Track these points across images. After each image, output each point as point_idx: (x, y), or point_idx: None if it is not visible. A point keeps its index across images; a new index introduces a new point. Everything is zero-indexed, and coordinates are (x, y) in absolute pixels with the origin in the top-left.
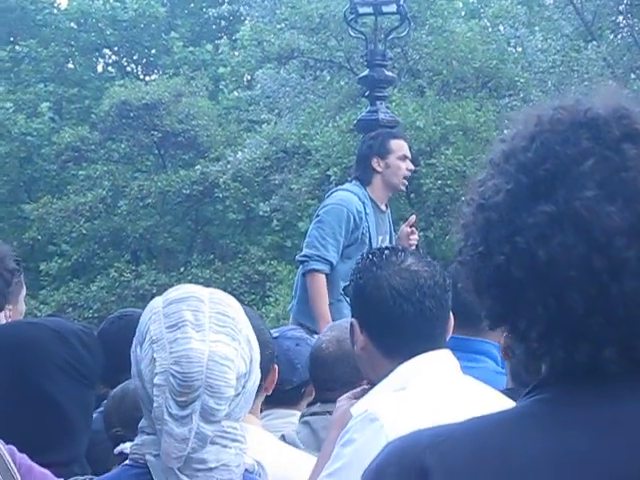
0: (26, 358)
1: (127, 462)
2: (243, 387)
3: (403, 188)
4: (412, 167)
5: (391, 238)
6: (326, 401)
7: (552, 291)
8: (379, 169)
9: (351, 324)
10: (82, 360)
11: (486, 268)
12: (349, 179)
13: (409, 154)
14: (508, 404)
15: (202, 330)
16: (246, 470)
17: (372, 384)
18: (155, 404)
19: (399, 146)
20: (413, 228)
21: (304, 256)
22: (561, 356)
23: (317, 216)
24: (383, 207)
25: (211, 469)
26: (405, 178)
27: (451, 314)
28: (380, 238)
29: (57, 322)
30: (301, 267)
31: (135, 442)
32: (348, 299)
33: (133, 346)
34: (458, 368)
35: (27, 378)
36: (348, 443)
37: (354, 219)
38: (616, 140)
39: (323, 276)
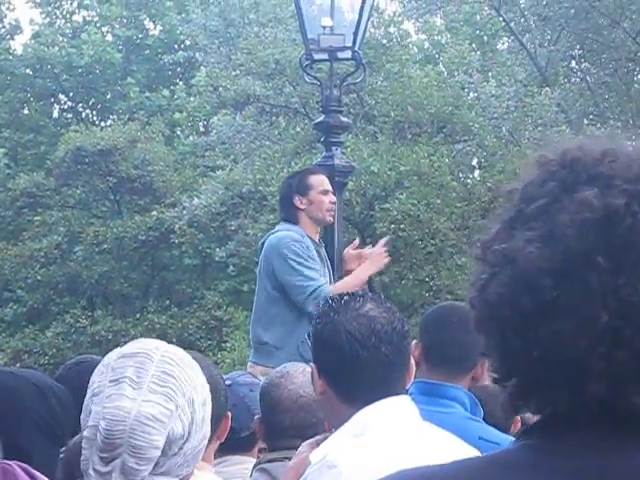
0: (3, 406)
1: None
2: (180, 448)
3: (330, 220)
4: (334, 200)
5: (329, 271)
6: (286, 448)
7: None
8: (302, 207)
9: (311, 369)
10: (57, 418)
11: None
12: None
13: (330, 188)
14: (468, 450)
15: (139, 388)
16: None
17: (333, 428)
18: (82, 457)
19: (319, 181)
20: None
21: (304, 295)
22: (535, 401)
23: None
24: (317, 241)
25: None
26: (329, 211)
27: (412, 360)
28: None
29: (37, 376)
30: (314, 307)
31: None
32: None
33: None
34: (417, 414)
35: (0, 427)
36: None
37: (302, 245)
38: (577, 183)
39: (330, 286)
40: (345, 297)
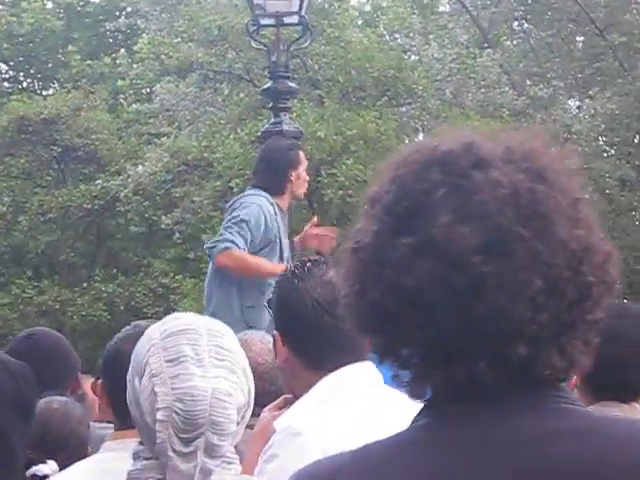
0: None
1: None
2: (242, 418)
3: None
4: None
5: (290, 240)
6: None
7: (424, 316)
8: (294, 180)
9: (273, 336)
10: (26, 395)
11: (364, 305)
12: (249, 187)
13: None
14: None
15: (202, 365)
16: None
17: (295, 396)
18: (158, 440)
19: (303, 157)
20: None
21: (212, 243)
22: (441, 377)
23: (229, 213)
24: (285, 210)
25: None
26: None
27: None
28: (286, 242)
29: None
30: (210, 257)
31: (134, 467)
32: (271, 311)
33: (129, 375)
34: (381, 381)
35: None
36: (271, 459)
37: (266, 219)
38: (465, 169)
39: (237, 249)
40: (308, 264)
